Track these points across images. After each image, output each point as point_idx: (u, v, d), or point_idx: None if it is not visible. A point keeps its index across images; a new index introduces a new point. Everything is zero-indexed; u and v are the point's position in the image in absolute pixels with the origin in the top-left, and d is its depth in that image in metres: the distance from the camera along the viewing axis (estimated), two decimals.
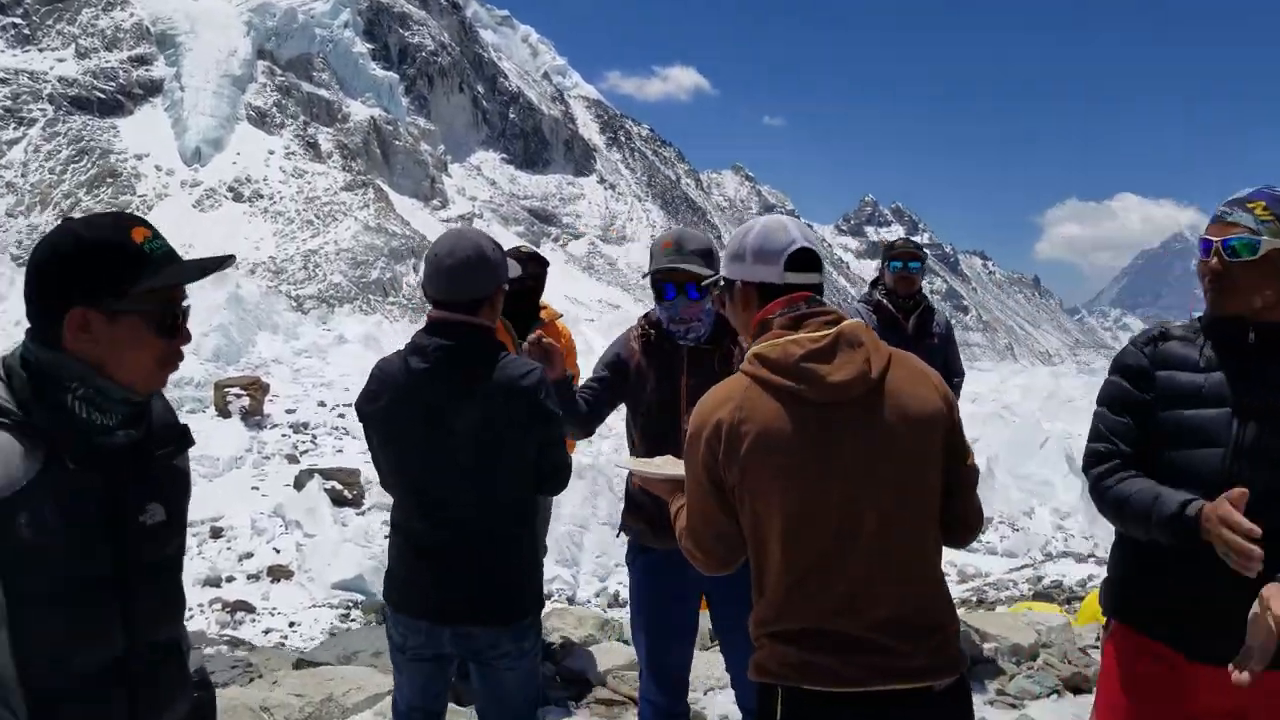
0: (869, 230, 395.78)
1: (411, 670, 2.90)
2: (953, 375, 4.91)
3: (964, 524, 2.14)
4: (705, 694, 4.55)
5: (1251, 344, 2.18)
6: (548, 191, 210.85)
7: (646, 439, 3.15)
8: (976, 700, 4.35)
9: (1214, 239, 2.23)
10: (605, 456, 25.83)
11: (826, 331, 2.01)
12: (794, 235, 2.14)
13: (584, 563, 24.29)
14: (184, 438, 1.84)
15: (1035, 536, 35.97)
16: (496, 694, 2.88)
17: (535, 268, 4.42)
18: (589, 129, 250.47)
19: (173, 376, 1.77)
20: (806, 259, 2.12)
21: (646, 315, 3.29)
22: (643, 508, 3.11)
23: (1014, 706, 4.52)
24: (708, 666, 4.61)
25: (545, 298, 4.70)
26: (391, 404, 2.74)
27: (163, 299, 1.68)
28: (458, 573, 2.68)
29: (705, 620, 5.17)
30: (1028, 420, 46.98)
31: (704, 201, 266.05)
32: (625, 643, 5.02)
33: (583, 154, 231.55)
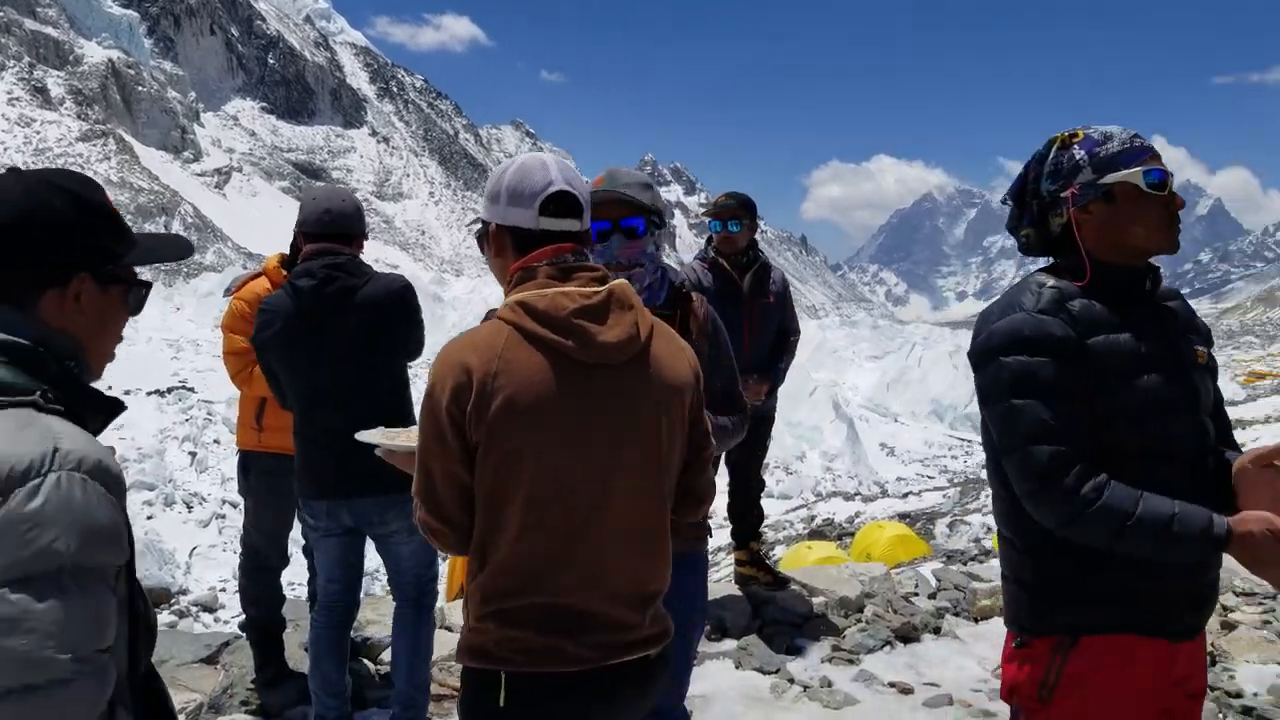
0: None
1: (325, 546, 3.47)
2: (789, 334, 4.87)
3: (695, 496, 2.07)
4: None
5: (1148, 290, 2.01)
6: (314, 144, 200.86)
7: None
8: (815, 657, 4.59)
9: (1167, 170, 1.99)
10: None
11: (599, 288, 1.86)
12: (552, 176, 1.90)
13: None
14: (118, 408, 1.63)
15: (807, 479, 38.44)
16: (395, 565, 3.51)
17: None
18: (358, 78, 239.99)
19: None
20: (566, 203, 1.91)
21: None
22: None
23: (851, 662, 4.57)
24: None
25: None
26: (285, 325, 3.28)
27: (132, 270, 1.55)
28: (347, 454, 2.94)
29: None
30: (798, 371, 49.74)
31: (484, 158, 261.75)
32: (448, 629, 4.71)
33: (352, 105, 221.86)
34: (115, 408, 1.49)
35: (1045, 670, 1.97)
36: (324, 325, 3.26)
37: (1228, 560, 1.87)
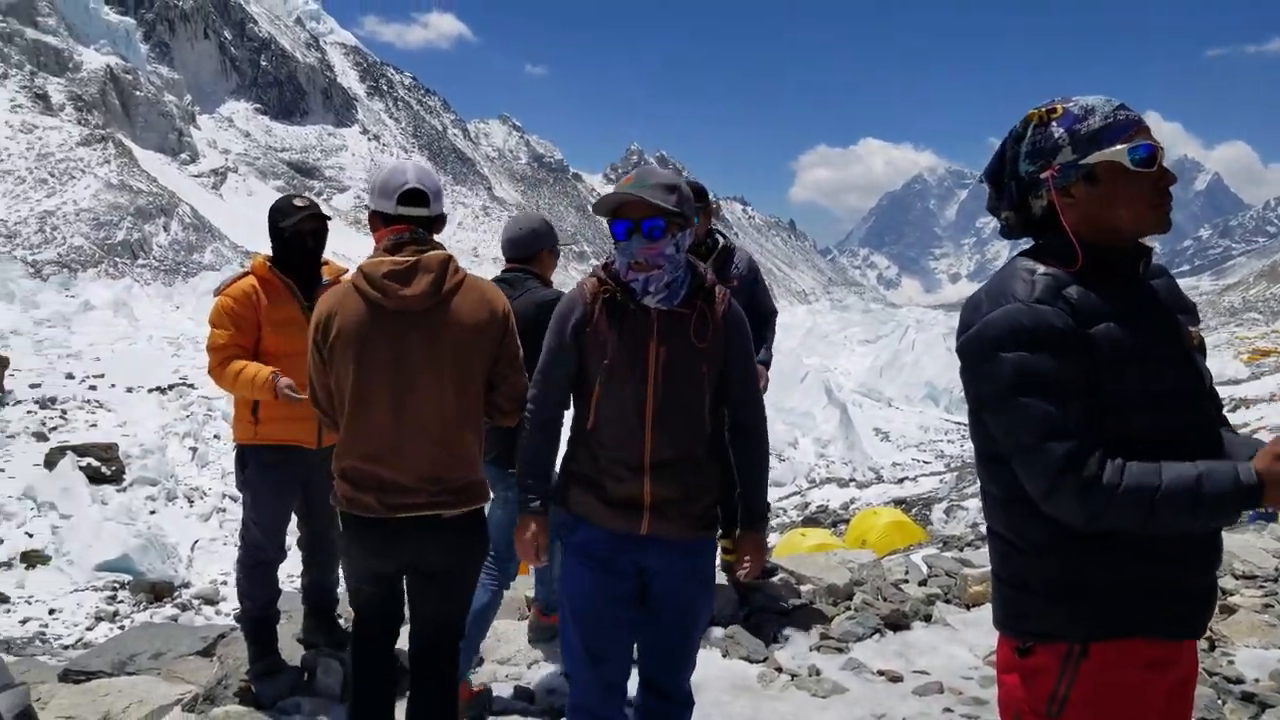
0: None
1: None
2: (762, 313, 4.64)
3: (497, 407, 2.98)
4: (529, 667, 4.35)
5: (1140, 272, 1.91)
6: (307, 143, 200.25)
7: (603, 414, 2.64)
8: (803, 645, 4.54)
9: (1156, 143, 1.84)
10: None
11: (410, 259, 2.80)
12: (408, 177, 2.88)
13: None
14: None
15: (800, 465, 38.61)
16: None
17: (314, 223, 3.99)
18: (348, 77, 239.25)
19: None
20: (414, 196, 2.87)
21: (605, 265, 2.71)
22: (590, 482, 2.69)
23: (840, 650, 4.50)
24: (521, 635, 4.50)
25: None
26: None
27: None
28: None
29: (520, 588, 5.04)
30: (789, 356, 50.02)
31: (473, 152, 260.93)
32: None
33: (343, 104, 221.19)
34: None
35: (1055, 682, 1.86)
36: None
37: (1225, 542, 1.83)
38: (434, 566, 2.95)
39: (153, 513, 23.32)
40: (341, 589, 4.17)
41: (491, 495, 3.29)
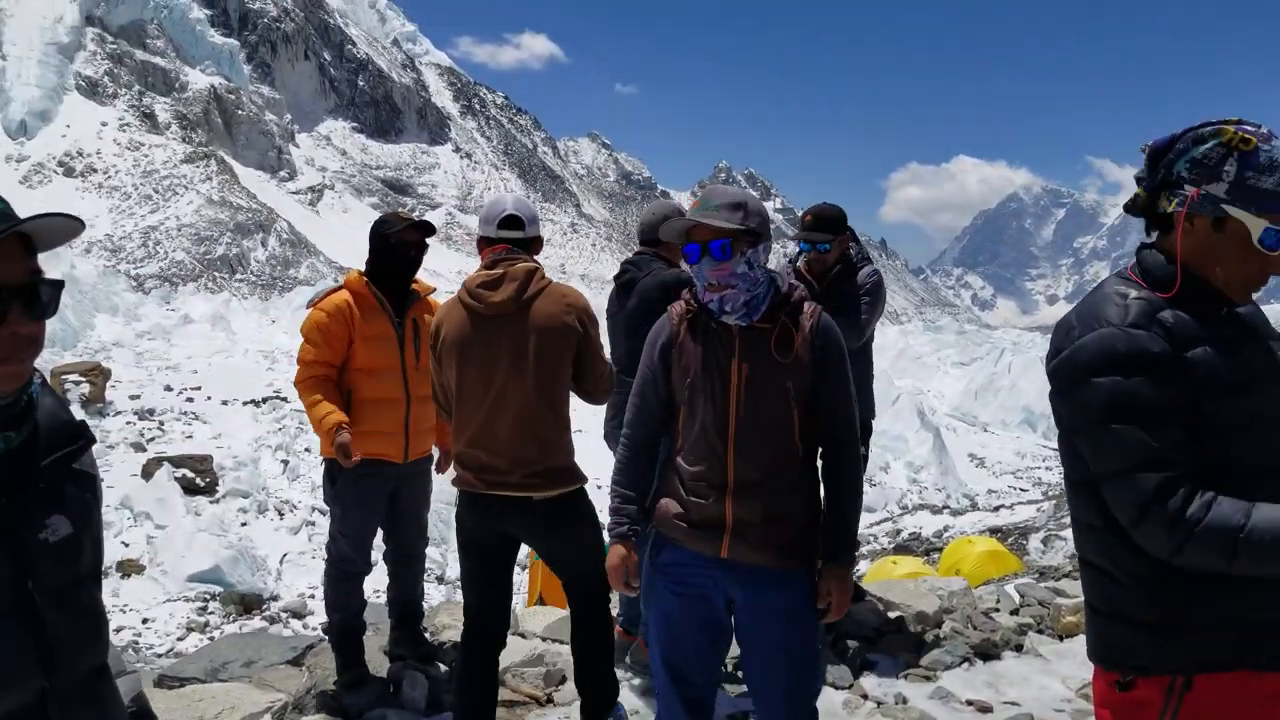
0: None
1: None
2: (850, 324, 4.31)
3: (588, 392, 3.42)
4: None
5: (1224, 316, 1.85)
6: (401, 161, 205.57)
7: (687, 433, 2.63)
8: (890, 673, 4.48)
9: None
10: None
11: (501, 270, 3.24)
12: (507, 205, 3.39)
13: (452, 539, 24.03)
14: (78, 436, 1.53)
15: (892, 491, 37.63)
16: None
17: (418, 234, 4.08)
18: (442, 97, 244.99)
19: None
20: (512, 221, 3.34)
21: (690, 288, 2.73)
22: (677, 503, 2.64)
23: (927, 678, 4.49)
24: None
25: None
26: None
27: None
28: None
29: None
30: (880, 378, 48.86)
31: (562, 170, 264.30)
32: (521, 636, 4.80)
33: (436, 122, 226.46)
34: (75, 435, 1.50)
35: (1160, 714, 1.82)
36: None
37: None
38: (539, 541, 3.45)
39: (244, 525, 23.66)
40: (429, 602, 4.46)
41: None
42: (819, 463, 2.68)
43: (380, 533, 4.24)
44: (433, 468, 4.32)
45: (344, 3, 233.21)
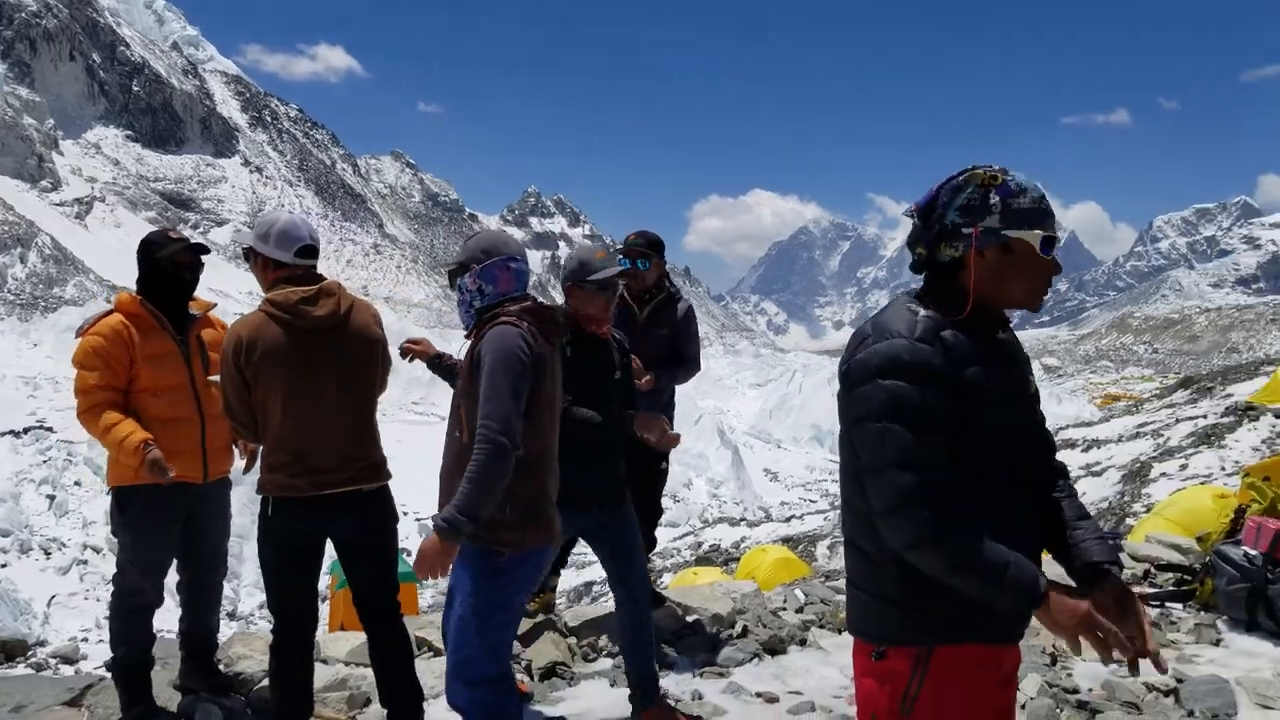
0: (533, 221, 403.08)
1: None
2: (681, 356, 4.88)
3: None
4: None
5: (1000, 337, 2.13)
6: (183, 174, 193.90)
7: None
8: (687, 671, 4.77)
9: (1057, 238, 2.10)
10: None
11: (313, 287, 3.43)
12: (303, 234, 3.50)
13: (245, 575, 22.78)
14: None
15: (694, 505, 38.70)
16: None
17: (191, 255, 3.93)
18: (229, 106, 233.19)
19: None
20: (310, 251, 3.52)
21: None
22: (509, 525, 3.12)
23: (721, 675, 4.74)
24: None
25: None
26: None
27: None
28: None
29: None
30: (684, 400, 50.02)
31: (363, 188, 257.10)
32: (324, 662, 4.63)
33: (223, 133, 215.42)
34: None
35: (907, 683, 2.04)
36: None
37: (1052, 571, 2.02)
38: (357, 535, 3.52)
39: (4, 566, 21.55)
40: (223, 634, 4.41)
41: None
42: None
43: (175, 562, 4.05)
44: (229, 492, 4.15)
45: (116, 1, 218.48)
